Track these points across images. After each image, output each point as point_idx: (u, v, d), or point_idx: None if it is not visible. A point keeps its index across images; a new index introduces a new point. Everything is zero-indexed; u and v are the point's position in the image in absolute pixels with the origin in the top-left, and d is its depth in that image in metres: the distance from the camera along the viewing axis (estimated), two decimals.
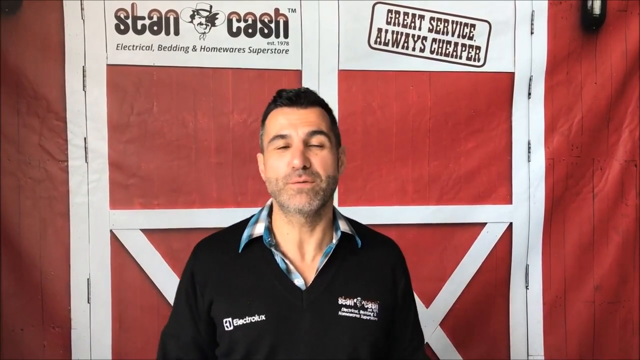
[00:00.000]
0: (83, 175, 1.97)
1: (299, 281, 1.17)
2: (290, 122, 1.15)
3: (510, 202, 2.15)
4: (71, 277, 1.97)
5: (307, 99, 1.18)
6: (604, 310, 2.20)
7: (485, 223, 2.14)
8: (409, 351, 1.29)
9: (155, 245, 2.00)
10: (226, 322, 1.15)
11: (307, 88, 1.21)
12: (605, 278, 2.19)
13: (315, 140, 1.15)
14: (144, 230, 2.00)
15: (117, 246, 1.99)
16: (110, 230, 1.99)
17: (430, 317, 2.12)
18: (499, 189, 2.15)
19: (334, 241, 1.20)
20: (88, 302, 1.99)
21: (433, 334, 2.12)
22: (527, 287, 2.18)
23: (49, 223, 1.97)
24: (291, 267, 1.18)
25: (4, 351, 1.94)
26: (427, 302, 2.12)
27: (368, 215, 2.05)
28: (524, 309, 2.18)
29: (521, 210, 2.15)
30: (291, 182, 1.13)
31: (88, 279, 1.99)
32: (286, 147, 1.15)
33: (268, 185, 1.19)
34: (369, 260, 1.23)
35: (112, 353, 2.00)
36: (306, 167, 1.12)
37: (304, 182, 1.13)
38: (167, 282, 1.98)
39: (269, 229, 1.21)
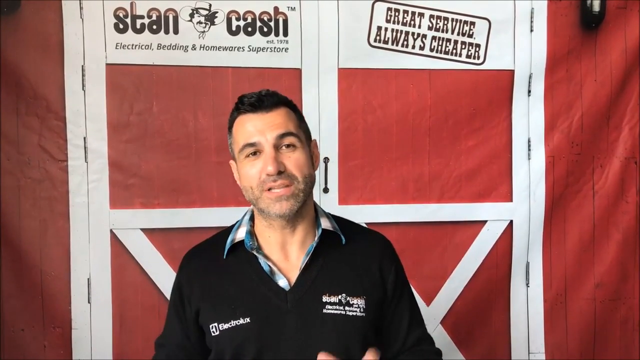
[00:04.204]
0: (83, 175, 1.97)
1: (282, 282, 1.16)
2: (256, 128, 1.13)
3: (511, 200, 2.15)
4: (71, 277, 1.97)
5: (269, 101, 1.15)
6: (604, 307, 2.21)
7: (486, 221, 2.14)
8: (410, 342, 1.25)
9: (156, 244, 2.00)
10: (212, 327, 1.16)
11: (267, 90, 1.17)
12: (605, 275, 2.20)
13: (285, 142, 1.13)
14: (144, 230, 2.00)
15: (118, 246, 1.99)
16: (111, 230, 1.99)
17: (432, 315, 2.12)
18: (499, 187, 2.15)
19: (315, 239, 1.19)
20: (88, 302, 1.99)
21: (434, 332, 2.12)
22: (527, 285, 2.18)
23: (49, 223, 1.96)
24: (274, 268, 1.17)
25: (4, 351, 1.94)
26: (428, 300, 2.12)
27: (369, 213, 2.06)
28: (524, 307, 2.18)
29: (522, 208, 2.15)
30: (266, 189, 1.12)
31: (88, 279, 1.98)
32: (257, 153, 1.13)
33: (245, 193, 1.17)
34: (354, 255, 1.22)
35: (112, 353, 2.00)
36: (281, 172, 1.11)
37: (281, 187, 1.12)
38: (168, 282, 1.96)
39: (251, 233, 1.21)
